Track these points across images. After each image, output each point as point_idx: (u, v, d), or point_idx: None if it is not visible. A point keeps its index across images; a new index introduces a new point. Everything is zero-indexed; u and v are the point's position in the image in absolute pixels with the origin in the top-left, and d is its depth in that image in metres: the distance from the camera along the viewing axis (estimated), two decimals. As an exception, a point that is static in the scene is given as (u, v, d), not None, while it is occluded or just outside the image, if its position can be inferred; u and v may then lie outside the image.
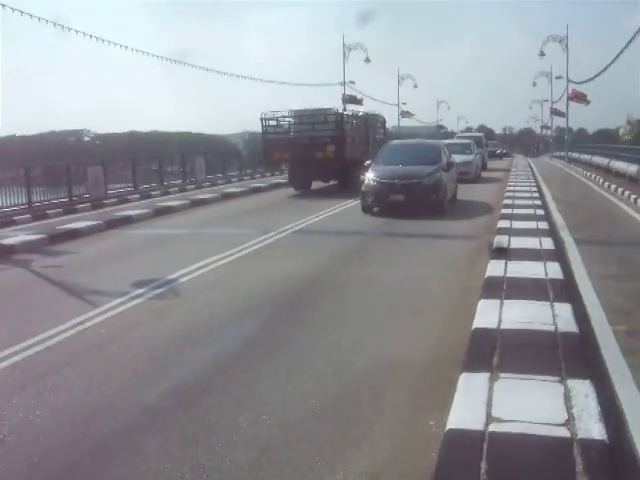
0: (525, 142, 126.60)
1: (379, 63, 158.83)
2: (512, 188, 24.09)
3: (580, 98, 50.57)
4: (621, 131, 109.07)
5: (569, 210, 18.37)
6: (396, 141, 24.21)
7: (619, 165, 31.81)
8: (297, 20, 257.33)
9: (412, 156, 19.24)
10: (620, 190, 23.33)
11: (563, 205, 19.68)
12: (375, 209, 18.50)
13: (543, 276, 8.91)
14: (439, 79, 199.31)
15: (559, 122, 65.70)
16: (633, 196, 20.74)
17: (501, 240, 11.72)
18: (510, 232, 12.84)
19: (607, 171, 34.75)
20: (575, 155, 53.47)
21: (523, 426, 4.49)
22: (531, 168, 39.88)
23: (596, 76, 35.67)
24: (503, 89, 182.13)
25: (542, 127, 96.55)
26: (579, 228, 14.95)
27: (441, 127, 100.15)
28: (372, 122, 31.07)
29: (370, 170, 18.83)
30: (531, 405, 4.80)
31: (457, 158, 24.13)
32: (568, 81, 53.13)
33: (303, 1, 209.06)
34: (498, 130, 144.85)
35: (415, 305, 8.73)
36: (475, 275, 9.90)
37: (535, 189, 23.43)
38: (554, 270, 9.26)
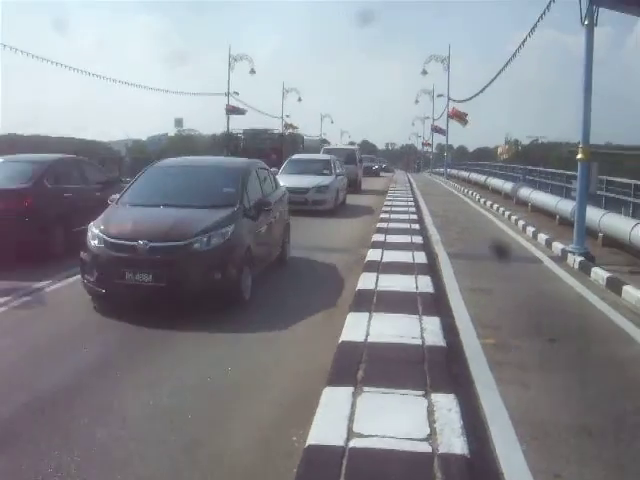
0: (407, 158, 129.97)
1: (266, 75, 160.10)
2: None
3: (459, 116, 52.42)
4: (499, 150, 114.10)
5: (445, 225, 18.88)
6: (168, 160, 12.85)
7: (495, 182, 33.22)
8: (189, 26, 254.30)
9: (191, 189, 10.26)
10: (495, 206, 24.30)
11: (439, 220, 20.21)
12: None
13: (414, 289, 9.00)
14: (324, 93, 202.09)
15: (440, 139, 67.88)
16: (507, 212, 21.58)
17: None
18: (386, 246, 12.97)
19: (484, 188, 36.15)
20: (454, 172, 55.48)
21: (384, 441, 4.45)
22: (410, 184, 40.81)
23: (475, 95, 37.17)
24: (387, 106, 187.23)
25: (423, 144, 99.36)
26: (453, 243, 15.38)
27: (324, 141, 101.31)
28: (298, 140, 48.15)
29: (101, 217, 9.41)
30: (394, 420, 4.77)
31: (308, 181, 21.69)
32: (449, 99, 55.22)
33: (199, 8, 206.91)
34: (381, 146, 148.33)
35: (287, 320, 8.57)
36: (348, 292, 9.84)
37: (413, 206, 23.79)
38: (425, 284, 9.40)
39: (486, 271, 12.07)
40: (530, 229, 17.17)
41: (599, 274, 11.23)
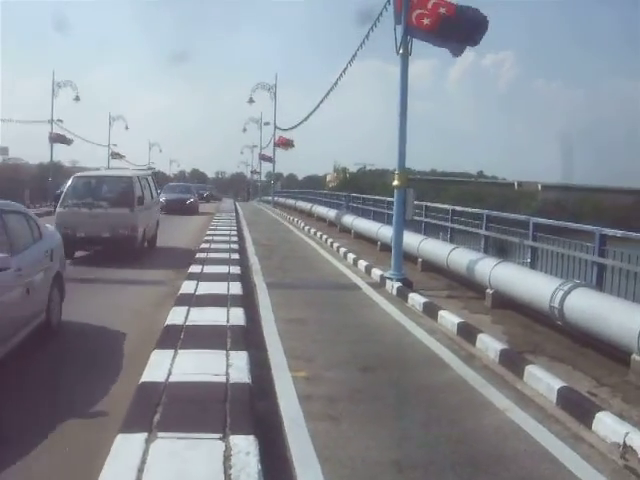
0: (236, 186, 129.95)
1: (93, 103, 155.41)
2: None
3: (286, 144, 53.11)
4: (328, 178, 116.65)
5: (267, 254, 18.83)
6: None
7: (320, 210, 33.78)
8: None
9: None
10: (319, 234, 24.59)
11: (262, 249, 20.15)
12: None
13: (224, 323, 8.75)
14: (152, 122, 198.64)
15: (270, 167, 68.20)
16: (330, 240, 21.89)
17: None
18: (202, 277, 12.65)
19: (310, 215, 36.68)
20: (282, 200, 56.11)
21: (174, 493, 4.13)
22: (237, 213, 40.64)
23: (299, 124, 37.49)
24: (216, 134, 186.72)
25: (252, 172, 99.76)
26: (274, 272, 15.30)
27: (155, 173, 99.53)
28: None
29: None
30: (187, 468, 4.47)
31: None
32: (275, 128, 55.76)
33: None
34: (211, 174, 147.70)
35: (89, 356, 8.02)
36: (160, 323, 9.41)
37: (236, 235, 23.47)
38: (237, 316, 9.17)
39: (304, 300, 12.08)
40: (351, 256, 17.47)
41: (416, 300, 11.51)
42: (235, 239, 21.06)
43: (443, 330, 9.89)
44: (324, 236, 23.48)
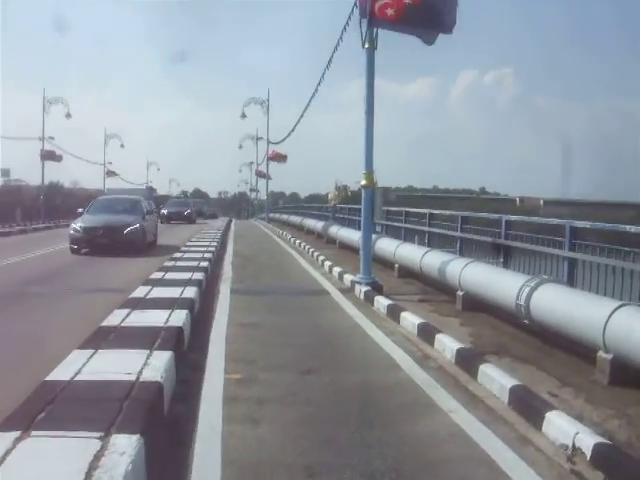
0: (238, 206, 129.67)
1: (89, 120, 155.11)
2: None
3: (279, 158, 52.73)
4: (330, 195, 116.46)
5: (244, 263, 18.31)
6: None
7: (309, 223, 33.41)
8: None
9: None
10: (303, 245, 24.03)
11: (240, 259, 19.62)
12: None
13: (162, 324, 8.14)
14: (150, 140, 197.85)
15: (271, 185, 67.41)
16: (311, 250, 21.32)
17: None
18: (160, 283, 12.06)
19: (301, 229, 36.31)
20: (277, 216, 55.93)
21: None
22: (227, 228, 40.06)
23: (287, 136, 37.10)
24: (216, 152, 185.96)
25: (251, 190, 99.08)
26: (244, 280, 14.77)
27: (152, 189, 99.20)
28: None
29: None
30: (47, 467, 3.87)
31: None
32: (268, 142, 55.23)
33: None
34: (213, 194, 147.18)
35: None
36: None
37: (215, 246, 22.84)
38: (178, 318, 8.54)
39: (268, 306, 11.54)
40: (328, 264, 16.88)
41: (381, 302, 10.93)
42: (212, 249, 20.45)
43: (403, 332, 9.29)
44: (307, 247, 22.90)
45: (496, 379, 6.44)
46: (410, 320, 9.34)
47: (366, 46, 12.27)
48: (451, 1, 11.39)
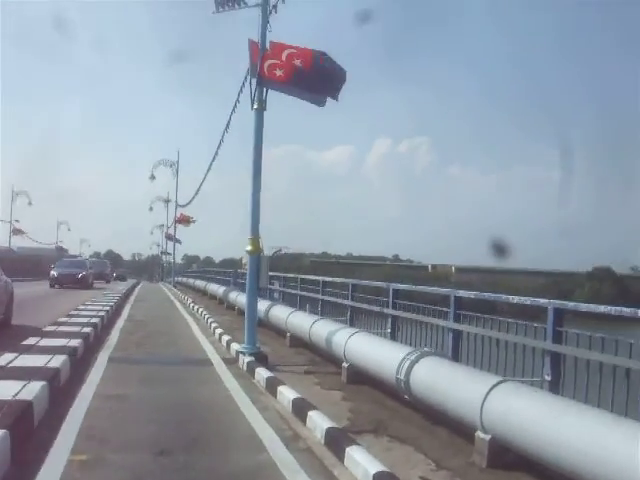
0: (151, 269, 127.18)
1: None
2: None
3: (185, 221, 51.89)
4: (244, 260, 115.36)
5: (133, 329, 17.34)
6: None
7: (212, 287, 32.66)
8: None
9: None
10: (201, 310, 23.22)
11: (132, 324, 18.67)
12: None
13: (9, 397, 7.23)
14: (61, 199, 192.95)
15: (186, 249, 65.81)
16: (207, 316, 20.52)
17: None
18: (29, 350, 11.06)
19: (204, 293, 35.53)
20: (184, 279, 54.96)
21: None
22: (130, 292, 38.66)
23: (192, 198, 36.77)
24: (131, 214, 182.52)
25: (162, 253, 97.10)
26: (128, 347, 13.86)
27: (61, 249, 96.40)
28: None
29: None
30: None
31: None
32: (177, 205, 54.24)
33: None
34: (127, 257, 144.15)
35: None
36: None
37: (107, 310, 21.68)
38: (30, 391, 7.64)
39: (142, 377, 10.65)
40: (219, 331, 16.09)
41: (261, 375, 10.23)
42: (103, 314, 19.38)
43: (278, 408, 8.60)
44: (204, 313, 22.04)
45: (361, 464, 5.81)
46: (286, 395, 8.66)
47: (255, 107, 11.85)
48: (340, 71, 11.15)
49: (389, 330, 10.83)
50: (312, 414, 7.52)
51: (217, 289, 30.19)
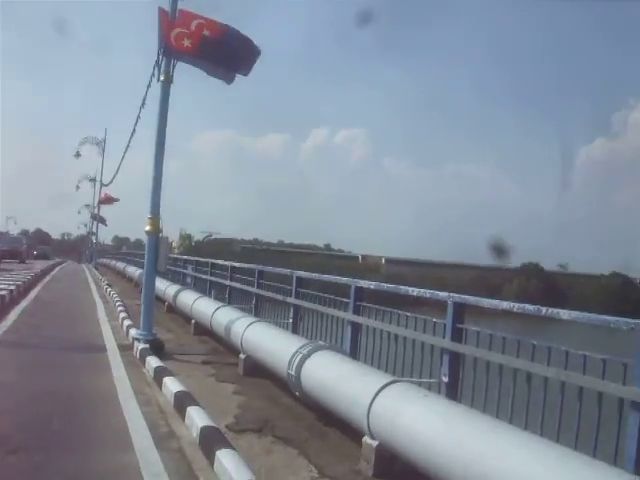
0: (79, 249, 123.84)
1: None
2: None
3: (109, 201, 50.29)
4: (174, 244, 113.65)
5: (36, 311, 16.35)
6: None
7: (130, 270, 31.69)
8: None
9: None
10: (113, 293, 22.14)
11: (37, 306, 17.75)
12: None
13: None
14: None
15: (117, 230, 63.61)
16: (117, 299, 19.49)
17: None
18: None
19: (124, 276, 34.50)
20: (107, 261, 53.49)
21: None
22: (47, 272, 37.07)
23: (113, 178, 35.14)
24: (60, 192, 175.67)
25: (88, 233, 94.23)
26: (20, 330, 12.91)
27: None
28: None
29: None
30: None
31: None
32: (101, 185, 52.22)
33: None
34: (56, 235, 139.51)
35: None
36: None
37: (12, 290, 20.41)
38: None
39: (27, 362, 9.84)
40: (122, 315, 15.18)
41: (151, 364, 9.44)
42: (4, 293, 18.22)
43: (161, 401, 7.83)
44: (116, 296, 21.02)
45: (228, 470, 5.11)
46: (170, 387, 7.91)
47: (161, 78, 11.01)
48: (251, 46, 10.43)
49: (291, 320, 10.19)
50: (191, 410, 6.78)
51: (134, 272, 29.11)
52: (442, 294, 6.62)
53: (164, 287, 17.94)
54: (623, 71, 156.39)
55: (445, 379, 6.28)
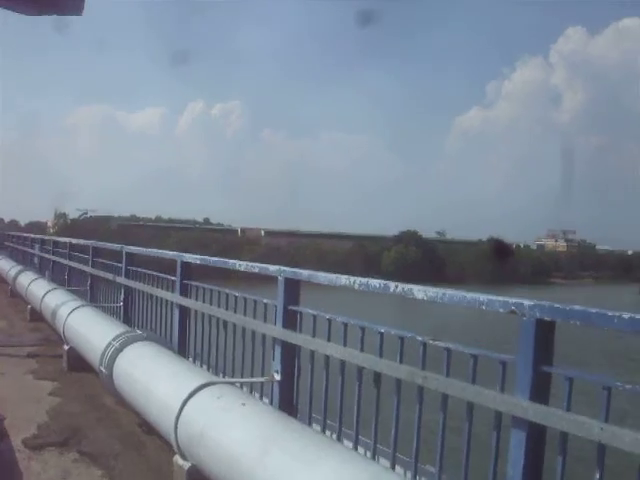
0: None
1: None
2: None
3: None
4: (49, 223, 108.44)
5: None
6: None
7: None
8: None
9: None
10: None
11: None
12: None
13: None
14: None
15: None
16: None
17: None
18: None
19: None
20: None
21: None
22: None
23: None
24: None
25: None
26: None
27: None
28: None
29: None
30: None
31: None
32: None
33: None
34: None
35: None
36: None
37: None
38: None
39: None
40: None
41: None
42: None
43: None
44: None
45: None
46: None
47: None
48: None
49: (121, 304, 8.73)
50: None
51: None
52: (272, 268, 5.21)
53: (7, 268, 16.00)
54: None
55: (278, 377, 4.91)
